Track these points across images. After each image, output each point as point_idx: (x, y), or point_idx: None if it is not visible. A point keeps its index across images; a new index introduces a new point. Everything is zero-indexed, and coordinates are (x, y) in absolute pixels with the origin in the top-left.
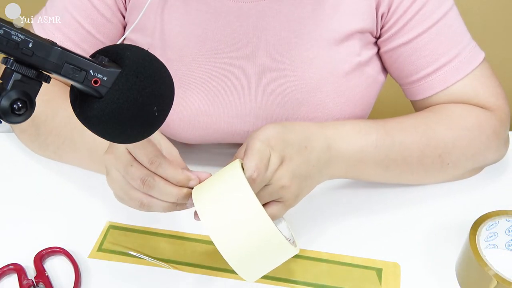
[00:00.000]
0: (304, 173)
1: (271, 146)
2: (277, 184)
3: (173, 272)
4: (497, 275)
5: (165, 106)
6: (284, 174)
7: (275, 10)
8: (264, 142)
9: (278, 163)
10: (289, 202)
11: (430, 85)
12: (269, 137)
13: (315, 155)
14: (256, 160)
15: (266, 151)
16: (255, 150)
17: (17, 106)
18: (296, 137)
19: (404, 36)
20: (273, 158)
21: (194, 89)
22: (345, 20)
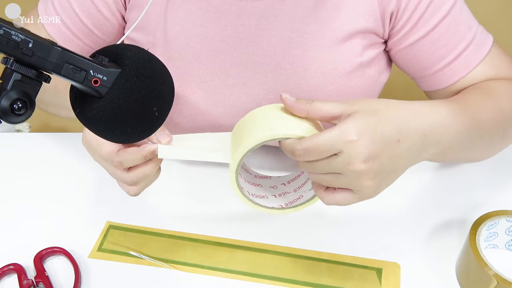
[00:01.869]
0: (389, 169)
1: (360, 137)
2: (356, 181)
3: (173, 272)
4: (497, 275)
5: (165, 106)
6: (366, 174)
7: (277, 9)
8: (350, 132)
9: (364, 159)
10: (365, 197)
11: (453, 72)
12: (360, 128)
13: (406, 147)
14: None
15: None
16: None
17: (17, 106)
18: (389, 131)
19: (420, 31)
20: (358, 152)
21: (195, 88)
22: (346, 20)
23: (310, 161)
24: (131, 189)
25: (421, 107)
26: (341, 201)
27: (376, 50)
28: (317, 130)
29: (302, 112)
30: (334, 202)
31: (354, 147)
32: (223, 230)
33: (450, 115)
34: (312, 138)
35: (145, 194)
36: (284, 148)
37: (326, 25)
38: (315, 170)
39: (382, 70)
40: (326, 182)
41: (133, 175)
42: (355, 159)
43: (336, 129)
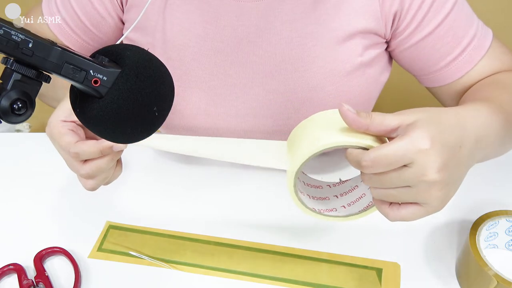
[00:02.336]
0: (455, 177)
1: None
2: (427, 193)
3: (173, 272)
4: (497, 275)
5: (165, 106)
6: (438, 184)
7: (277, 9)
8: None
9: (437, 169)
10: (433, 210)
11: (458, 67)
12: (430, 136)
13: (466, 153)
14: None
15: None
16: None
17: (17, 106)
18: (453, 138)
19: (425, 29)
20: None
21: (195, 88)
22: (347, 20)
23: (377, 175)
24: (87, 183)
25: (468, 111)
26: (408, 217)
27: (377, 50)
28: (381, 140)
29: (363, 127)
30: (400, 218)
31: (427, 156)
32: (223, 230)
33: (490, 115)
34: (381, 148)
35: (145, 194)
36: (351, 158)
37: (326, 25)
38: (383, 184)
39: (382, 70)
40: (392, 197)
41: (88, 168)
42: (428, 169)
43: (405, 138)
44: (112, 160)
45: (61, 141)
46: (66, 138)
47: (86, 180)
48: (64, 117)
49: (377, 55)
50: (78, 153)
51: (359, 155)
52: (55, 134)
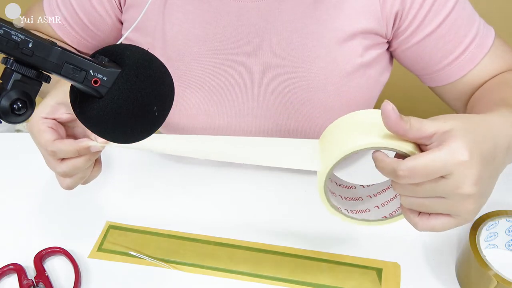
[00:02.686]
0: (488, 188)
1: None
2: (461, 206)
3: (173, 272)
4: (497, 275)
5: (165, 106)
6: (473, 197)
7: (277, 9)
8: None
9: (474, 182)
10: (464, 221)
11: (461, 66)
12: (470, 147)
13: (498, 163)
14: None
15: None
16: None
17: (17, 106)
18: (488, 148)
19: (427, 28)
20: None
21: (194, 88)
22: (347, 20)
23: (411, 184)
24: (63, 181)
25: (496, 119)
26: (438, 228)
27: (378, 50)
28: (418, 147)
29: (401, 132)
30: (430, 229)
31: (466, 169)
32: (223, 230)
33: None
34: (419, 157)
35: (145, 194)
36: (384, 166)
37: (326, 25)
38: (415, 193)
39: (383, 70)
40: (423, 207)
41: (65, 166)
42: (465, 182)
43: (444, 148)
44: (90, 160)
45: (39, 138)
46: (44, 136)
47: (63, 179)
48: (45, 113)
49: (378, 56)
50: (55, 152)
51: (394, 164)
52: (34, 131)
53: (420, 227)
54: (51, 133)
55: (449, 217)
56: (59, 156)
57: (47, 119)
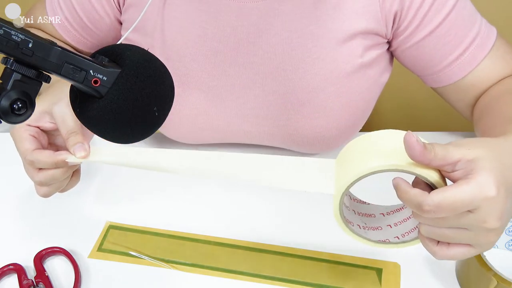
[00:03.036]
0: (509, 218)
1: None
2: (484, 238)
3: (173, 272)
4: (497, 275)
5: (165, 106)
6: (497, 230)
7: (277, 10)
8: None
9: (499, 217)
10: (483, 250)
11: (461, 66)
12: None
13: None
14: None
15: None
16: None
17: (17, 106)
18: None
19: (426, 28)
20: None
21: (194, 89)
22: (347, 21)
23: (439, 218)
24: (40, 190)
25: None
26: (458, 256)
27: (378, 50)
28: (442, 175)
29: (426, 161)
30: (449, 258)
31: (492, 204)
32: (223, 230)
33: None
34: (446, 191)
35: (145, 194)
36: (409, 199)
37: (326, 25)
38: (438, 225)
39: (383, 71)
40: (443, 238)
41: (42, 176)
42: (491, 217)
43: (472, 182)
44: (67, 172)
45: (20, 146)
46: (25, 144)
47: (39, 187)
48: (29, 121)
49: (378, 56)
50: (33, 162)
51: (420, 197)
52: (16, 137)
53: (439, 257)
54: (32, 142)
55: (469, 247)
56: (37, 166)
57: (30, 127)
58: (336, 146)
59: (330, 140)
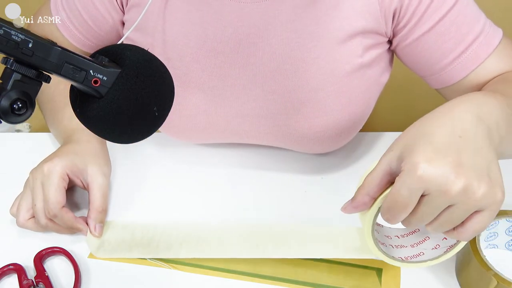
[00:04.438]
0: (482, 164)
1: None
2: (471, 200)
3: (173, 272)
4: (497, 275)
5: (165, 106)
6: (470, 186)
7: (277, 10)
8: (416, 165)
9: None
10: (494, 205)
11: (463, 65)
12: (421, 153)
13: (471, 136)
14: None
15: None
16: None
17: (17, 106)
18: (443, 135)
19: (425, 24)
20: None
21: (194, 89)
22: (346, 20)
23: (413, 216)
24: (26, 222)
25: (456, 100)
26: (478, 227)
27: (378, 50)
28: None
29: (366, 201)
30: (473, 233)
31: (435, 176)
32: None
33: (485, 94)
34: (389, 196)
35: (145, 194)
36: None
37: (326, 25)
38: (426, 219)
39: (383, 70)
40: (449, 224)
41: (50, 226)
42: (445, 185)
43: (401, 175)
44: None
45: (53, 192)
46: (58, 196)
47: (33, 224)
48: (70, 171)
49: (378, 56)
50: (56, 216)
51: (383, 215)
52: (51, 181)
53: (464, 237)
54: (64, 196)
55: (476, 214)
56: (54, 220)
57: (67, 177)
58: (336, 146)
59: (330, 140)
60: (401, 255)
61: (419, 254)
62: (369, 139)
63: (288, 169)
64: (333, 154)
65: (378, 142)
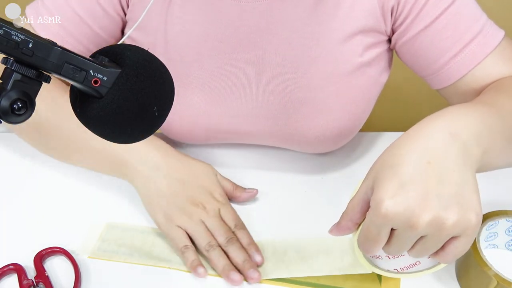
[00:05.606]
0: (451, 190)
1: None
2: (441, 231)
3: (173, 272)
4: (497, 275)
5: (165, 106)
6: (439, 216)
7: (277, 10)
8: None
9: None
10: (469, 230)
11: (461, 64)
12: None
13: (441, 160)
14: None
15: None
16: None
17: (17, 106)
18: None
19: (422, 22)
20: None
21: (196, 90)
22: (346, 20)
23: (389, 246)
24: None
25: (424, 119)
26: (457, 252)
27: (378, 49)
28: None
29: (350, 226)
30: (453, 257)
31: (399, 212)
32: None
33: (463, 106)
34: (360, 231)
35: None
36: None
37: (326, 25)
38: (403, 248)
39: (382, 70)
40: (427, 251)
41: (189, 255)
42: (411, 220)
43: (370, 211)
44: None
45: (186, 256)
46: (191, 256)
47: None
48: None
49: (378, 55)
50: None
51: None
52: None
53: (445, 261)
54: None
55: (453, 240)
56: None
57: None
58: (336, 146)
59: (330, 140)
60: (396, 267)
61: (415, 264)
62: (369, 139)
63: (288, 169)
64: (333, 154)
65: (378, 142)
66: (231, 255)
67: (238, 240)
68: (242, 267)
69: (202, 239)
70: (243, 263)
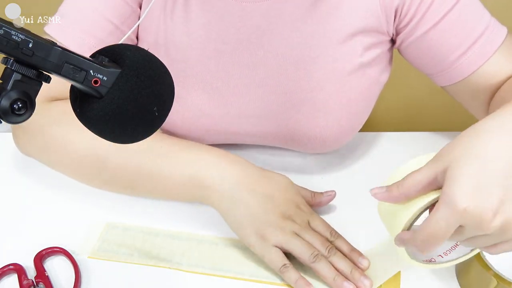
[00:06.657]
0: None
1: (472, 199)
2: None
3: (173, 272)
4: (497, 275)
5: (165, 106)
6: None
7: (278, 10)
8: (458, 200)
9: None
10: None
11: (470, 61)
12: (466, 189)
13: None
14: None
15: None
16: None
17: (17, 106)
18: (498, 170)
19: (429, 21)
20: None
21: (198, 90)
22: (347, 19)
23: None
24: None
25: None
26: (509, 249)
27: (379, 49)
28: None
29: (400, 198)
30: (502, 252)
31: (475, 213)
32: (223, 230)
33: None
34: (423, 227)
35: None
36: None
37: (327, 25)
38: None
39: (382, 70)
40: (481, 246)
41: (291, 274)
42: (484, 221)
43: (442, 203)
44: None
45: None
46: (292, 275)
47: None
48: None
49: (378, 55)
50: None
51: (411, 241)
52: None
53: (493, 253)
54: None
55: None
56: None
57: None
58: (336, 146)
59: (331, 140)
60: (434, 255)
61: (452, 248)
62: (369, 139)
63: (288, 169)
64: (333, 154)
65: (378, 142)
66: (337, 266)
67: (337, 248)
68: (351, 277)
69: (304, 252)
70: (352, 273)
